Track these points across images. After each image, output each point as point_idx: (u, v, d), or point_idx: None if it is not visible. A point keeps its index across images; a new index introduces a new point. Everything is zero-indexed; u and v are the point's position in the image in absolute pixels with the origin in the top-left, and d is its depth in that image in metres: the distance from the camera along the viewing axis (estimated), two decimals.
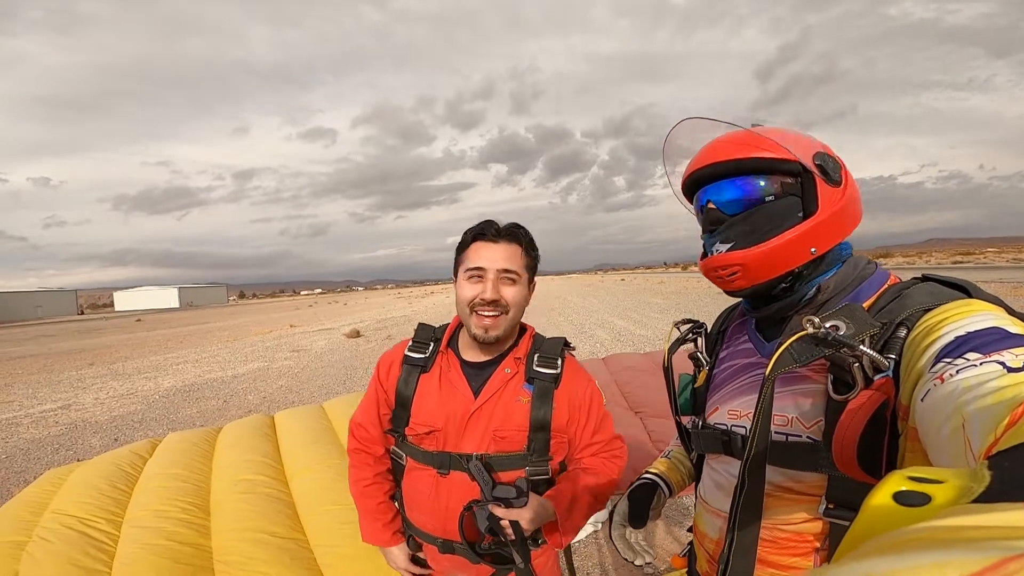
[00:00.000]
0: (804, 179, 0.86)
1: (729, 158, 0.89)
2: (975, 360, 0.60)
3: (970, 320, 0.66)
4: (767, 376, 0.77)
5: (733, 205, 0.90)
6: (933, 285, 0.79)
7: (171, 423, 6.86)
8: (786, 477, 0.86)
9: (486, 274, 1.22)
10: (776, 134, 0.88)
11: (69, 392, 9.54)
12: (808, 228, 0.85)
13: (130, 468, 3.67)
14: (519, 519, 1.11)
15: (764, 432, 0.80)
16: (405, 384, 1.32)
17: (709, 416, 1.03)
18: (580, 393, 1.32)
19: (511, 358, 1.31)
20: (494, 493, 1.14)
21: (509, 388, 1.28)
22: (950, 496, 0.27)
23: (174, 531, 2.74)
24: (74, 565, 2.49)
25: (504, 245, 1.24)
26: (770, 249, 0.86)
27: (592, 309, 20.65)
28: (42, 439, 6.34)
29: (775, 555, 0.87)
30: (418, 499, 1.33)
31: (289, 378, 9.75)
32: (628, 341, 11.31)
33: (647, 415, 4.75)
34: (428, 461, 1.29)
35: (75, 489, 3.25)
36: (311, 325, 22.70)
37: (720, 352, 1.07)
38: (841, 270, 0.89)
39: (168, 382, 10.10)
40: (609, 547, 3.10)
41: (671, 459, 1.26)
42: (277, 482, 3.33)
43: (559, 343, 1.36)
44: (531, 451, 1.26)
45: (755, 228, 0.88)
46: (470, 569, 1.33)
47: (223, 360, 12.80)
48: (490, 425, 1.26)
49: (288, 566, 2.48)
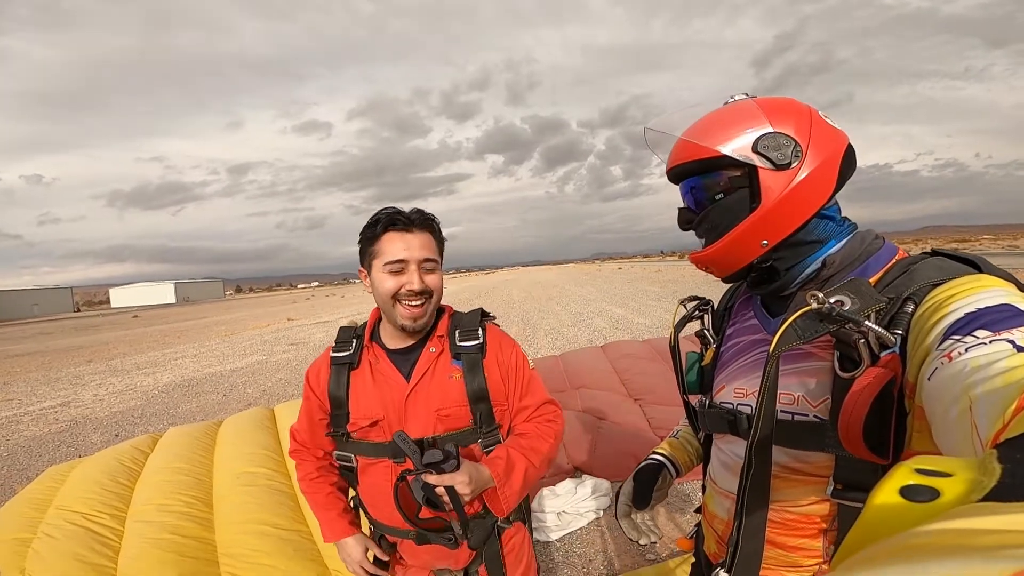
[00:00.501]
0: (751, 169, 0.84)
1: (676, 164, 0.92)
2: (984, 338, 0.58)
3: (980, 296, 0.64)
4: (771, 353, 0.76)
5: (697, 203, 0.93)
6: (942, 259, 0.76)
7: (171, 418, 6.87)
8: (792, 458, 0.84)
9: (407, 265, 1.22)
10: (723, 123, 0.87)
11: (68, 389, 9.54)
12: (751, 223, 0.84)
13: (132, 463, 3.68)
14: (453, 483, 1.10)
15: (769, 412, 0.79)
16: (336, 385, 1.32)
17: (716, 395, 1.02)
18: (506, 357, 1.33)
19: (434, 338, 1.32)
20: (424, 460, 1.11)
21: (439, 366, 1.29)
22: (959, 491, 0.26)
23: (177, 525, 2.76)
24: (80, 561, 2.51)
25: (419, 233, 1.25)
26: (719, 248, 0.88)
27: (590, 298, 20.66)
28: (43, 436, 6.35)
29: (783, 536, 0.87)
30: (377, 494, 1.31)
31: (288, 371, 9.76)
32: (626, 329, 11.33)
33: (646, 402, 4.77)
34: (381, 453, 1.29)
35: (78, 485, 3.26)
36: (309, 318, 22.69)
37: (727, 329, 1.06)
38: (847, 244, 0.87)
39: (167, 377, 10.10)
40: (611, 534, 3.11)
41: (679, 439, 1.25)
42: (279, 474, 3.35)
43: (476, 315, 1.37)
44: (478, 424, 1.28)
45: (714, 226, 0.90)
46: (450, 556, 1.32)
47: (221, 354, 12.80)
48: (430, 405, 1.27)
49: (292, 557, 2.50)
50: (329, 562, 2.52)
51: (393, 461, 1.27)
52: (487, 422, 1.29)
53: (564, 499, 3.21)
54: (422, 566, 1.38)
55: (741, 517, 0.85)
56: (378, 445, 1.29)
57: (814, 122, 0.85)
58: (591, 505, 3.24)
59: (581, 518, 3.20)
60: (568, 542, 3.07)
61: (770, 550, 0.88)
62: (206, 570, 2.45)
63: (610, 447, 3.81)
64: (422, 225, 1.26)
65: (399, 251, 1.22)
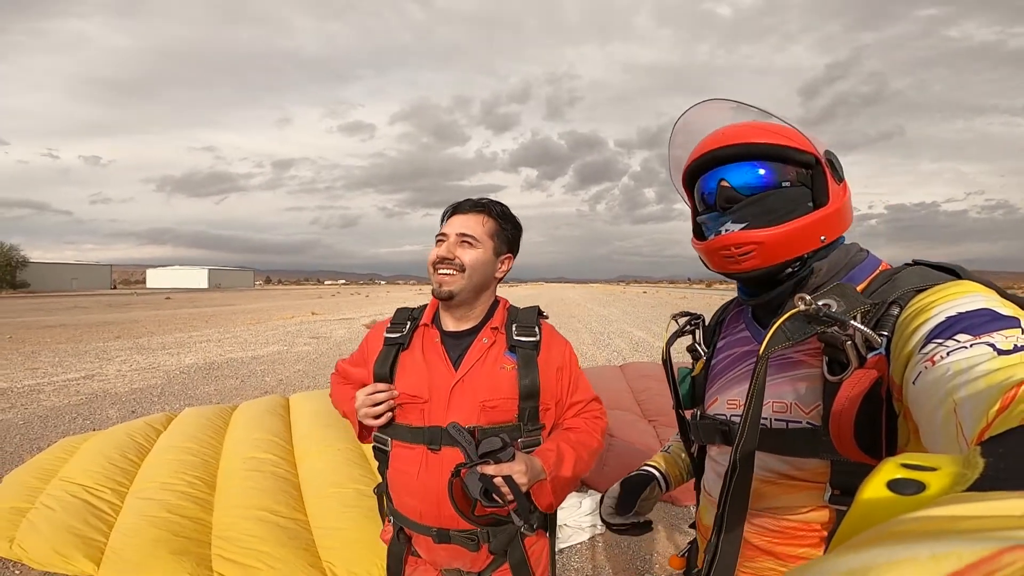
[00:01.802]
0: (815, 172, 0.89)
1: (752, 141, 0.90)
2: (965, 342, 0.60)
3: (960, 301, 0.67)
4: (760, 354, 0.78)
5: (749, 187, 0.91)
6: (923, 268, 0.80)
7: (188, 399, 6.96)
8: (788, 465, 0.86)
9: (448, 238, 1.31)
10: (794, 129, 0.91)
11: (94, 363, 9.76)
12: (821, 216, 0.88)
13: (143, 440, 3.72)
14: (512, 472, 1.07)
15: (757, 413, 0.80)
16: (382, 364, 1.34)
17: (709, 407, 1.03)
18: (560, 356, 1.36)
19: (488, 328, 1.34)
20: (480, 449, 1.08)
21: (490, 357, 1.31)
22: (944, 484, 0.27)
23: (177, 504, 2.76)
24: (72, 533, 2.51)
25: (471, 215, 1.33)
26: (789, 231, 0.87)
27: (612, 318, 20.48)
28: (61, 407, 6.47)
29: (782, 545, 0.87)
30: (405, 481, 1.29)
31: (307, 363, 9.84)
32: (646, 352, 11.16)
33: (660, 423, 4.66)
34: (417, 438, 1.27)
35: (86, 458, 3.30)
36: (332, 314, 22.97)
37: (718, 342, 1.08)
38: (833, 255, 0.90)
39: (190, 359, 10.28)
40: (609, 551, 3.04)
41: (670, 453, 1.26)
42: (286, 462, 3.34)
43: (534, 311, 1.41)
44: (524, 420, 1.28)
45: (770, 210, 0.89)
46: (466, 557, 1.29)
47: (244, 341, 13.00)
48: (477, 396, 1.26)
49: (285, 545, 2.46)
50: (323, 553, 2.47)
51: (429, 448, 1.26)
52: (532, 420, 1.30)
53: (567, 512, 3.18)
54: (435, 564, 1.35)
55: (722, 521, 0.85)
56: (416, 430, 1.28)
57: None
58: (592, 520, 3.21)
59: (582, 532, 3.16)
60: (567, 555, 3.04)
61: (768, 560, 0.88)
62: (197, 551, 2.43)
63: (619, 464, 3.74)
64: (478, 208, 1.34)
65: (445, 228, 1.33)
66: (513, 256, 1.42)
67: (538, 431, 1.31)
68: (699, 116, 1.00)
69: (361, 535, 2.51)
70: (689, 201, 1.05)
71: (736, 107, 0.99)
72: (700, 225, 0.99)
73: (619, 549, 3.06)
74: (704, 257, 0.98)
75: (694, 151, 0.97)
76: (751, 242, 0.87)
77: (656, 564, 2.87)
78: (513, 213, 1.40)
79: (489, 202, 1.36)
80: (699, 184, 0.98)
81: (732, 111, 0.99)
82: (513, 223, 1.39)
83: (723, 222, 0.92)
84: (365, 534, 2.51)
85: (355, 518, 2.64)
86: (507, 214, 1.38)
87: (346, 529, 2.57)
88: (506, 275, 1.41)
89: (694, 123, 1.00)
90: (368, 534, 2.50)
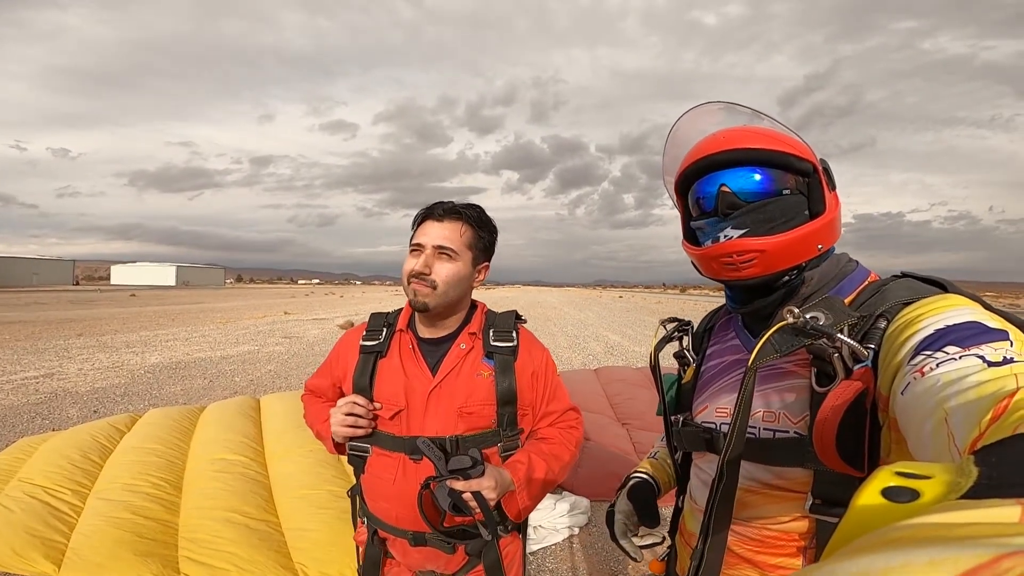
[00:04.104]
0: (812, 180, 0.89)
1: (754, 147, 0.88)
2: (954, 354, 0.60)
3: (948, 314, 0.67)
4: (749, 366, 0.79)
5: (750, 193, 0.89)
6: (911, 281, 0.81)
7: (154, 399, 6.76)
8: (773, 475, 0.86)
9: (423, 249, 1.26)
10: (793, 137, 0.91)
11: (54, 361, 9.41)
12: (820, 225, 0.88)
13: (106, 441, 3.60)
14: (480, 488, 1.08)
15: (743, 425, 0.80)
16: (361, 373, 1.32)
17: (697, 415, 1.02)
18: (538, 362, 1.35)
19: (465, 334, 1.33)
20: (449, 466, 1.09)
21: (468, 363, 1.29)
22: (938, 492, 0.27)
23: (141, 506, 2.68)
24: (31, 535, 2.42)
25: (446, 223, 1.28)
26: (791, 239, 0.86)
27: (588, 322, 20.59)
28: (19, 406, 6.23)
29: (762, 555, 0.87)
30: (382, 486, 1.28)
31: (278, 363, 9.66)
32: (621, 355, 11.26)
33: (634, 427, 4.72)
34: (398, 447, 1.26)
35: (46, 458, 3.18)
36: (305, 314, 22.60)
37: (708, 349, 1.07)
38: (824, 265, 0.91)
39: (155, 358, 9.99)
40: (584, 552, 3.06)
41: (657, 460, 1.25)
42: (256, 464, 3.27)
43: (511, 316, 1.39)
44: (502, 426, 1.27)
45: (770, 218, 0.87)
46: (441, 559, 1.29)
47: (213, 341, 12.70)
48: (454, 402, 1.25)
49: (256, 547, 2.41)
50: (295, 554, 2.43)
51: (410, 458, 1.25)
52: (511, 425, 1.29)
53: (542, 513, 3.19)
54: (409, 566, 1.35)
55: (708, 529, 0.85)
56: (396, 439, 1.27)
57: None
58: (567, 522, 3.23)
59: (556, 534, 3.18)
60: (541, 556, 3.05)
61: (748, 569, 0.89)
62: (163, 552, 2.36)
63: (594, 467, 3.78)
64: (453, 215, 1.29)
65: (420, 236, 1.28)
66: (489, 262, 1.38)
67: (517, 435, 1.30)
68: (695, 120, 0.98)
69: (334, 537, 2.47)
70: (679, 205, 1.02)
71: (729, 108, 0.98)
72: (694, 230, 0.97)
73: (593, 550, 3.09)
74: (699, 263, 0.96)
75: (691, 154, 0.94)
76: (753, 250, 0.86)
77: (630, 565, 2.89)
78: (488, 216, 1.35)
79: (464, 207, 1.31)
80: (695, 188, 0.95)
81: (725, 113, 0.98)
82: (490, 229, 1.35)
83: (722, 228, 0.89)
84: (338, 536, 2.48)
85: (327, 520, 2.61)
86: (484, 220, 1.33)
87: (318, 530, 2.54)
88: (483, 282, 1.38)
89: (690, 127, 0.99)
90: (341, 536, 2.47)
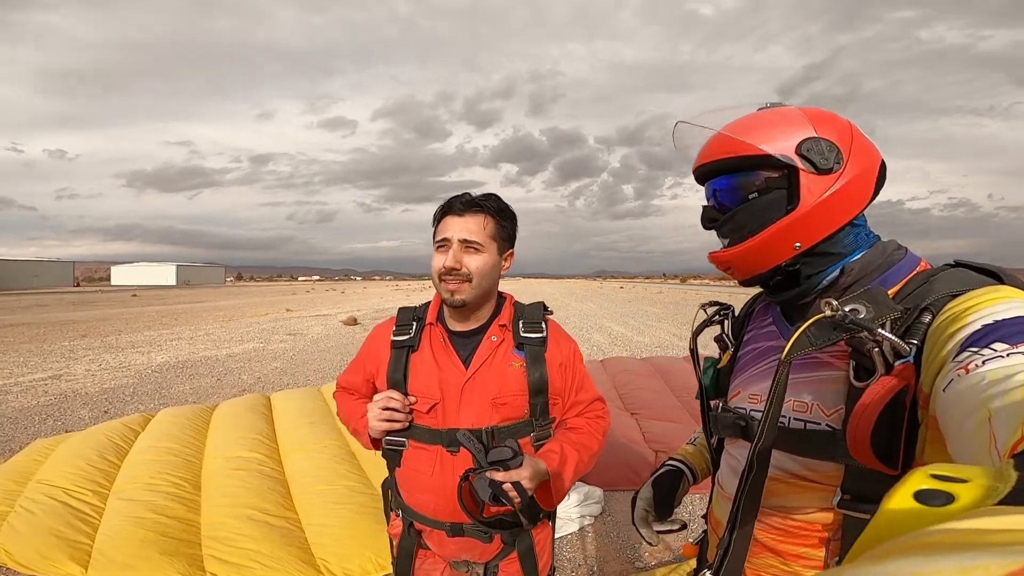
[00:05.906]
0: (791, 171, 0.84)
1: (712, 159, 0.90)
2: (1002, 351, 0.58)
3: (997, 308, 0.64)
4: (782, 360, 0.76)
5: (728, 203, 0.91)
6: (963, 271, 0.77)
7: (163, 398, 6.79)
8: (802, 466, 0.84)
9: (449, 244, 1.27)
10: (765, 124, 0.87)
11: (60, 362, 9.44)
12: (787, 224, 0.84)
13: (121, 441, 3.63)
14: (519, 479, 1.10)
15: (775, 417, 0.78)
16: (395, 368, 1.34)
17: (731, 399, 1.02)
18: (566, 353, 1.37)
19: (495, 326, 1.35)
20: (489, 458, 1.12)
21: (499, 355, 1.32)
22: (975, 496, 0.26)
23: (163, 505, 2.71)
24: (56, 536, 2.45)
25: (469, 216, 1.29)
26: (748, 248, 0.87)
27: (590, 313, 20.60)
28: (30, 408, 6.26)
29: (784, 544, 0.87)
30: (419, 479, 1.31)
31: (284, 360, 9.69)
32: (625, 346, 11.27)
33: (643, 417, 4.75)
34: (435, 440, 1.29)
35: (63, 460, 3.21)
36: (308, 310, 22.62)
37: (745, 334, 1.06)
38: (868, 253, 0.86)
39: (161, 357, 10.02)
40: (599, 541, 3.09)
41: (695, 446, 1.25)
42: (271, 460, 3.30)
43: (539, 308, 1.42)
44: (535, 415, 1.30)
45: (741, 225, 0.88)
46: (477, 549, 1.32)
47: (218, 339, 12.72)
48: (487, 393, 1.28)
49: (277, 544, 2.44)
50: (316, 550, 2.46)
51: (447, 450, 1.27)
52: (543, 415, 1.32)
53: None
54: (445, 556, 1.37)
55: (736, 519, 0.84)
56: (433, 432, 1.29)
57: (855, 134, 0.86)
58: (581, 511, 3.26)
59: (571, 523, 3.21)
60: (558, 546, 3.07)
61: (770, 557, 0.88)
62: (188, 551, 2.39)
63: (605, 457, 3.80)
64: (474, 208, 1.30)
65: (444, 232, 1.29)
66: (513, 248, 1.40)
67: (548, 424, 1.33)
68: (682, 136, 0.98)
69: (354, 531, 2.50)
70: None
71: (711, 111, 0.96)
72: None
73: (608, 539, 3.12)
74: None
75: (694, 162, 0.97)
76: (722, 261, 0.92)
77: (646, 552, 2.92)
78: (506, 203, 1.37)
79: (483, 198, 1.31)
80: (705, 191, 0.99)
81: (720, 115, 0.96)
82: (510, 216, 1.37)
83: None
84: (357, 530, 2.50)
85: (346, 515, 2.63)
86: (503, 208, 1.35)
87: (338, 526, 2.56)
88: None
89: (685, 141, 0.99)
90: (360, 530, 2.50)
